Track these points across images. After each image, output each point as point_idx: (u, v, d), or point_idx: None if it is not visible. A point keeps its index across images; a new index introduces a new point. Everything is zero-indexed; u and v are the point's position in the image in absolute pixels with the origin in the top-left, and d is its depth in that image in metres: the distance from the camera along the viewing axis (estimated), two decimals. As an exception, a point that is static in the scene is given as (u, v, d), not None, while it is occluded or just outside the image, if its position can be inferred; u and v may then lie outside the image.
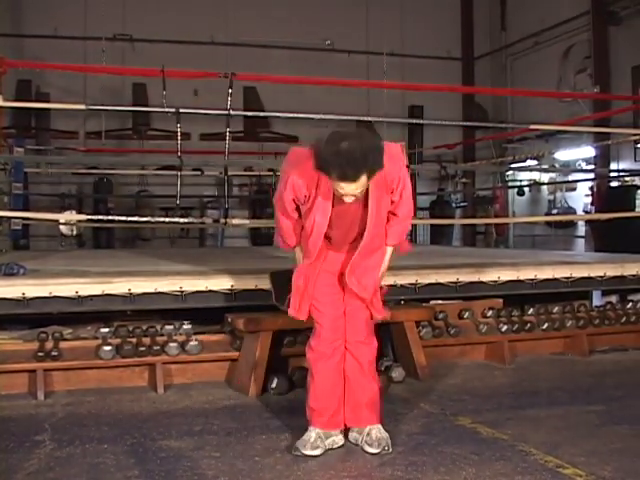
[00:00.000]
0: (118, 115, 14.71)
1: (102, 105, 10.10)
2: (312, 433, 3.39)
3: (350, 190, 3.07)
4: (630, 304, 6.16)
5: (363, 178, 3.04)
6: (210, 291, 5.00)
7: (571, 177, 13.83)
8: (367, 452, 3.36)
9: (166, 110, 6.65)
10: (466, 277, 5.65)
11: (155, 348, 4.66)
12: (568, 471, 3.09)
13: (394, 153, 3.29)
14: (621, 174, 12.96)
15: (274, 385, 4.48)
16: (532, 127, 10.41)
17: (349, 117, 8.09)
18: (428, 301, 5.59)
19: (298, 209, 3.39)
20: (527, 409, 4.18)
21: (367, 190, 3.19)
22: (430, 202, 15.84)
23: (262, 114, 13.23)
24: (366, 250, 3.38)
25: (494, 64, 17.61)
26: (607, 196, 13.18)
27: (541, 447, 3.40)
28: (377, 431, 3.40)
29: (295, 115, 8.48)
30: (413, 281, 5.45)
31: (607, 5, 13.79)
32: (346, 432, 3.51)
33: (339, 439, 3.45)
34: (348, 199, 3.14)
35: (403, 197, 3.37)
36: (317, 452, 3.33)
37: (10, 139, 11.68)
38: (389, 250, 3.53)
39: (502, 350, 5.37)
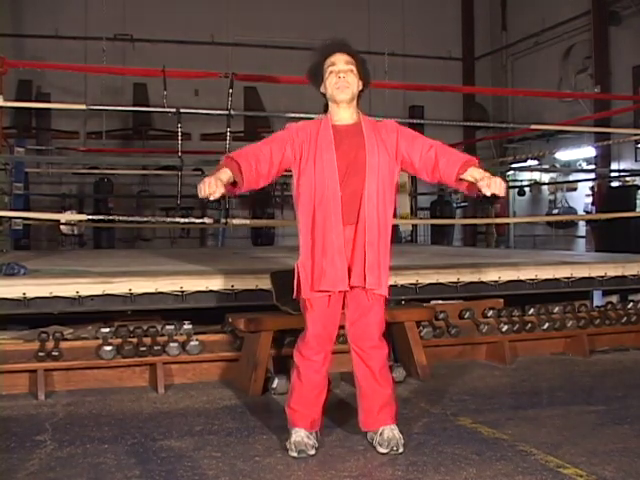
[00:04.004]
0: (119, 115, 14.73)
1: (103, 105, 10.13)
2: (302, 433, 3.36)
3: (341, 61, 3.28)
4: (631, 304, 6.16)
5: (352, 59, 3.29)
6: (211, 291, 5.01)
7: (572, 177, 13.85)
8: (378, 452, 3.34)
9: (167, 110, 6.66)
10: (467, 277, 5.66)
11: (156, 348, 4.65)
12: (569, 471, 3.09)
13: (388, 120, 3.48)
14: (622, 174, 12.96)
15: (275, 385, 4.48)
16: (533, 127, 10.41)
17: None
18: (429, 301, 5.59)
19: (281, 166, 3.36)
20: (528, 409, 4.18)
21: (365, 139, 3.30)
22: (431, 202, 15.84)
23: (263, 114, 13.24)
24: (371, 222, 3.23)
25: (495, 64, 17.62)
26: (608, 196, 13.19)
27: (542, 447, 3.40)
28: (389, 431, 3.38)
29: (295, 115, 8.48)
30: (414, 281, 5.45)
31: (608, 5, 13.80)
32: (365, 432, 3.50)
33: (318, 436, 3.44)
34: (342, 75, 3.27)
35: (412, 133, 3.38)
36: (315, 451, 3.33)
37: (11, 139, 11.68)
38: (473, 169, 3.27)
39: (503, 350, 5.37)
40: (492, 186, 3.15)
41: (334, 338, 3.43)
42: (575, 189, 14.57)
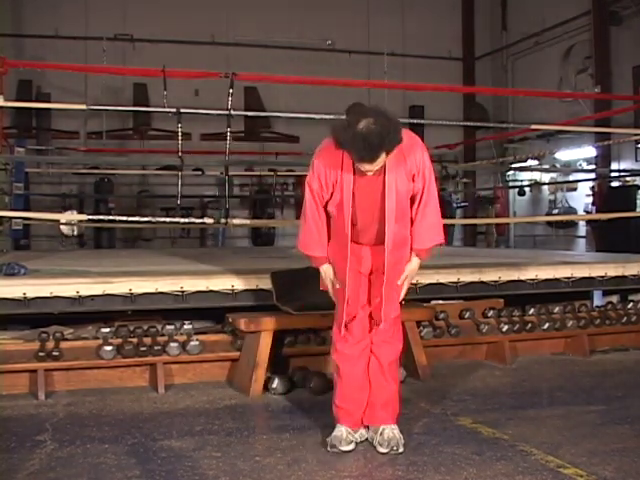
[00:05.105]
0: (119, 115, 14.72)
1: (103, 105, 10.12)
2: (342, 429, 3.43)
3: (370, 168, 3.19)
4: (631, 304, 6.16)
5: (382, 156, 3.15)
6: (211, 291, 5.01)
7: (572, 177, 13.83)
8: (378, 452, 3.37)
9: (167, 110, 6.66)
10: (467, 277, 5.66)
11: (156, 348, 4.66)
12: (569, 471, 3.09)
13: (415, 141, 3.39)
14: (622, 174, 12.95)
15: (275, 385, 4.48)
16: (533, 127, 10.40)
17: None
18: (429, 301, 5.59)
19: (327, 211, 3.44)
20: (528, 409, 4.19)
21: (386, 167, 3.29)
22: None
23: (263, 114, 13.24)
24: (392, 225, 3.35)
25: (495, 64, 17.61)
26: (608, 196, 13.18)
27: (542, 447, 3.40)
28: (389, 431, 3.41)
29: (296, 115, 8.50)
30: (414, 281, 5.44)
31: (608, 5, 13.79)
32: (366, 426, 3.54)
33: (365, 432, 3.52)
34: (369, 173, 3.24)
35: (426, 184, 3.39)
36: (351, 447, 3.39)
37: (11, 139, 11.68)
38: (414, 260, 3.49)
39: (503, 350, 5.37)
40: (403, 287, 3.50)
41: (369, 331, 3.49)
42: (575, 189, 14.56)
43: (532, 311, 5.81)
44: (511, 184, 16.44)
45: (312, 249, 3.47)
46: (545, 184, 15.08)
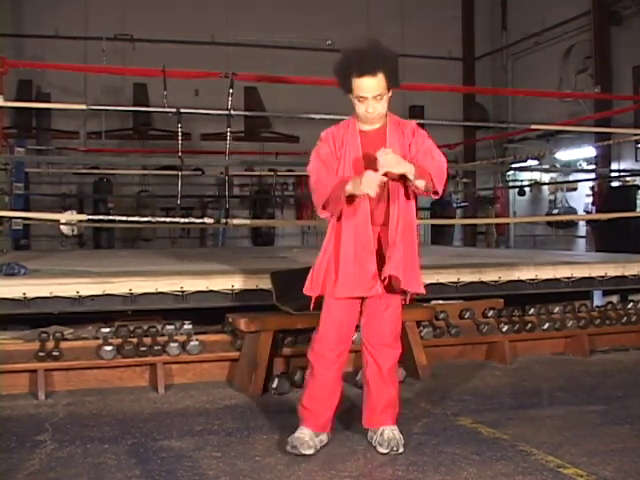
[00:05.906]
0: (119, 115, 14.74)
1: (103, 105, 10.13)
2: (305, 431, 3.37)
3: (370, 89, 3.21)
4: (631, 304, 6.16)
5: (381, 77, 3.21)
6: (211, 291, 5.02)
7: (572, 177, 13.85)
8: (378, 452, 3.36)
9: (167, 110, 6.66)
10: (467, 277, 5.66)
11: (156, 348, 4.65)
12: (569, 471, 3.09)
13: (411, 121, 3.48)
14: (622, 174, 12.96)
15: (275, 385, 4.48)
16: (533, 127, 10.42)
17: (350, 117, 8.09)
18: (429, 301, 5.59)
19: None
20: (528, 409, 4.18)
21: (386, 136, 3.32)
22: (431, 202, 15.81)
23: (263, 114, 13.24)
24: (399, 224, 3.27)
25: (495, 64, 17.62)
26: (608, 196, 13.19)
27: (542, 447, 3.40)
28: (389, 431, 3.39)
29: (296, 115, 8.50)
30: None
31: (608, 5, 13.80)
32: (365, 431, 3.51)
33: (325, 437, 3.44)
34: (370, 110, 3.24)
35: (426, 143, 3.37)
36: (311, 451, 3.32)
37: (11, 139, 11.68)
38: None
39: (503, 350, 5.37)
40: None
41: (350, 337, 3.44)
42: (575, 189, 14.57)
43: (532, 311, 5.81)
44: (511, 184, 16.45)
45: (329, 189, 3.24)
46: (545, 184, 15.10)
